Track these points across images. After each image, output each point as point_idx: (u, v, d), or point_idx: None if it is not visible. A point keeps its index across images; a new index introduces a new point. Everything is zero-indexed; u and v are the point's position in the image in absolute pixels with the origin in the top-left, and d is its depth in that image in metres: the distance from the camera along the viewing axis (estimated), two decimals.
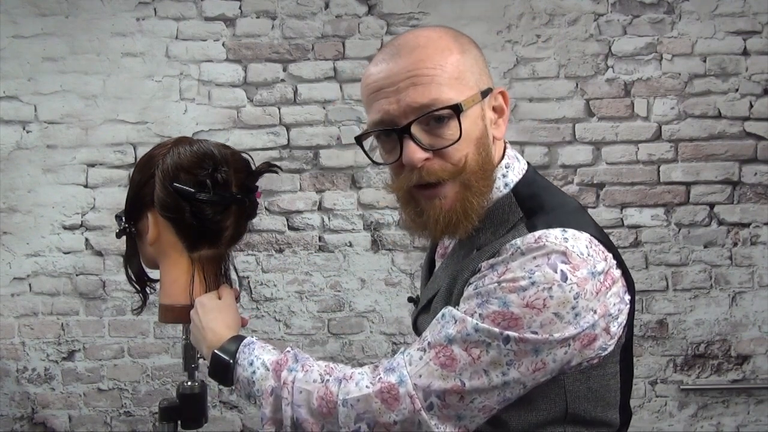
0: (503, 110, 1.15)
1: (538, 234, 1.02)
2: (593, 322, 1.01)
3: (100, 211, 2.98)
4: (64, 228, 2.98)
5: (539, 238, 1.02)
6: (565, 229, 1.03)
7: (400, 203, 1.15)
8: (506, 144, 1.18)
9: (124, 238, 1.38)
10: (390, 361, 1.07)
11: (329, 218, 2.99)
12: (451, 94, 1.06)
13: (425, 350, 1.03)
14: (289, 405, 1.08)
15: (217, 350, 1.20)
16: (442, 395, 1.01)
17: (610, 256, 1.06)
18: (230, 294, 1.33)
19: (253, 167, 1.36)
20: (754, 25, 2.94)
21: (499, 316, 1.00)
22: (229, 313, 1.28)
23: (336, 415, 1.05)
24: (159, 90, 2.99)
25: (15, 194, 2.97)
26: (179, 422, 1.35)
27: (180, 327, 1.38)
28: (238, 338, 1.21)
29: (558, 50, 2.97)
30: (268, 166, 1.38)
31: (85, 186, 2.98)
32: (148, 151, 1.36)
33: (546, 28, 2.97)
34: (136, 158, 2.92)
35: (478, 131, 1.09)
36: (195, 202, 1.27)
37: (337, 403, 1.05)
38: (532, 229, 1.04)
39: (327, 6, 2.99)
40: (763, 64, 2.93)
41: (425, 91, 1.05)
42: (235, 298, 1.35)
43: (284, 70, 3.00)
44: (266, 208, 2.97)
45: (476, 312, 1.01)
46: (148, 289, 1.43)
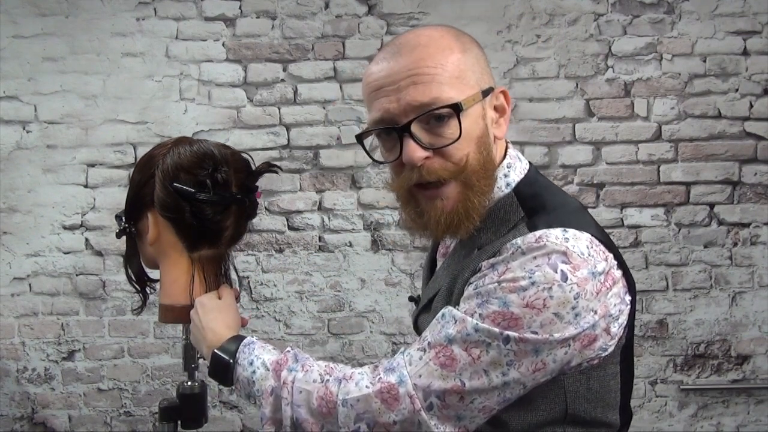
0: (505, 110, 1.15)
1: (538, 233, 1.02)
2: (593, 323, 1.01)
3: (100, 211, 2.98)
4: (64, 228, 2.98)
5: (540, 238, 1.02)
6: (566, 229, 1.03)
7: (400, 202, 1.15)
8: (508, 143, 1.18)
9: (124, 238, 1.38)
10: (390, 361, 1.06)
11: (329, 218, 2.99)
12: (451, 93, 1.06)
13: (425, 350, 1.03)
14: (289, 405, 1.08)
15: (217, 350, 1.20)
16: (442, 395, 1.01)
17: (611, 257, 1.05)
18: (230, 294, 1.33)
19: (253, 167, 1.36)
20: (754, 25, 2.94)
21: (499, 316, 0.99)
22: (229, 313, 1.28)
23: (336, 415, 1.05)
24: (159, 90, 2.98)
25: (15, 194, 2.97)
26: (179, 422, 1.35)
27: (180, 327, 1.38)
28: (238, 338, 1.21)
29: (558, 50, 2.96)
30: (268, 166, 1.38)
31: (85, 186, 2.98)
32: (148, 151, 1.36)
33: (546, 28, 2.97)
34: (136, 158, 2.92)
35: (478, 130, 1.09)
36: (195, 202, 1.27)
37: (336, 403, 1.05)
38: (533, 228, 1.04)
39: (327, 6, 2.99)
40: (763, 64, 2.93)
41: (426, 90, 1.05)
42: (235, 298, 1.35)
43: (284, 70, 3.00)
44: (266, 208, 2.97)
45: (476, 312, 1.01)
46: (148, 289, 1.43)
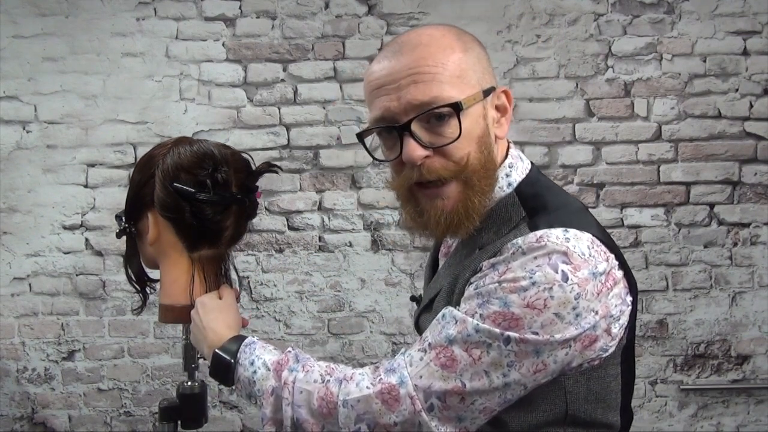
0: (506, 109, 1.14)
1: (539, 233, 1.02)
2: (594, 323, 1.01)
3: (100, 211, 2.98)
4: (64, 228, 2.98)
5: (541, 238, 1.01)
6: (567, 229, 1.03)
7: (400, 201, 1.15)
8: (510, 143, 1.17)
9: (124, 238, 1.38)
10: (390, 362, 1.06)
11: (329, 218, 2.99)
12: (452, 92, 1.05)
13: (426, 351, 1.03)
14: (290, 405, 1.08)
15: (218, 350, 1.19)
16: (442, 396, 1.01)
17: (612, 257, 1.05)
18: (231, 294, 1.33)
19: (253, 167, 1.36)
20: (754, 25, 2.94)
21: (500, 316, 0.99)
22: (230, 313, 1.28)
23: (336, 416, 1.05)
24: (159, 90, 2.98)
25: (15, 194, 2.97)
26: (179, 422, 1.35)
27: (180, 327, 1.38)
28: (239, 338, 1.21)
29: (558, 50, 2.96)
30: (268, 166, 1.38)
31: (85, 186, 2.98)
32: (148, 151, 1.35)
33: (546, 28, 2.97)
34: (136, 158, 2.92)
35: (479, 130, 1.09)
36: (195, 202, 1.27)
37: (337, 403, 1.05)
38: (534, 228, 1.04)
39: (327, 6, 2.99)
40: (763, 64, 2.93)
41: (426, 89, 1.05)
42: (236, 298, 1.35)
43: (284, 70, 2.99)
44: (266, 208, 2.97)
45: (477, 312, 1.01)
46: (148, 289, 1.43)
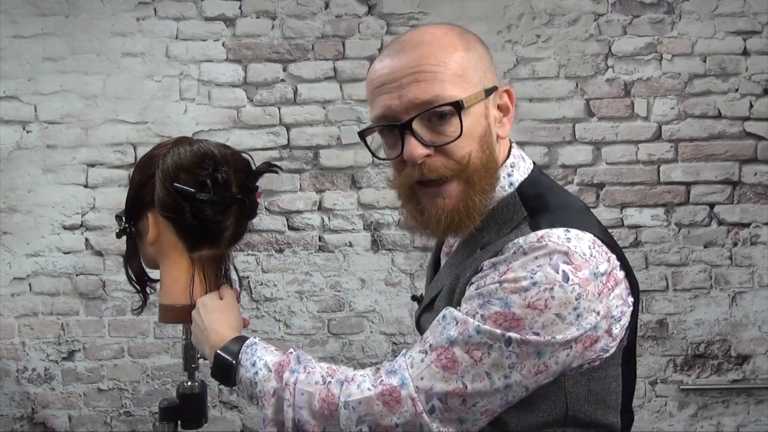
0: (509, 109, 1.14)
1: (540, 233, 1.02)
2: (595, 324, 1.01)
3: (100, 211, 2.97)
4: (64, 228, 2.98)
5: (542, 238, 1.01)
6: (568, 229, 1.02)
7: (401, 200, 1.15)
8: (512, 143, 1.17)
9: (124, 238, 1.37)
10: (392, 364, 1.06)
11: (329, 218, 2.98)
12: (453, 91, 1.05)
13: (427, 352, 1.03)
14: (291, 406, 1.08)
15: (220, 350, 1.19)
16: (443, 398, 1.00)
17: (613, 257, 1.05)
18: (232, 294, 1.33)
19: (253, 167, 1.35)
20: (754, 25, 2.94)
21: (501, 317, 0.99)
22: (231, 313, 1.28)
23: (337, 417, 1.05)
24: (159, 90, 2.98)
25: (15, 194, 2.97)
26: (179, 422, 1.34)
27: (180, 327, 1.38)
28: (241, 339, 1.21)
29: (558, 50, 2.96)
30: (268, 166, 1.38)
31: (85, 186, 2.98)
32: (148, 151, 1.35)
33: (546, 28, 2.97)
34: (136, 158, 2.92)
35: (481, 129, 1.08)
36: (195, 202, 1.27)
37: (338, 405, 1.05)
38: (535, 228, 1.04)
39: (327, 6, 2.99)
40: (763, 64, 2.93)
41: (427, 88, 1.05)
42: (236, 298, 1.35)
43: (284, 70, 2.99)
44: (266, 208, 2.97)
45: (478, 313, 1.01)
46: (148, 289, 1.43)
